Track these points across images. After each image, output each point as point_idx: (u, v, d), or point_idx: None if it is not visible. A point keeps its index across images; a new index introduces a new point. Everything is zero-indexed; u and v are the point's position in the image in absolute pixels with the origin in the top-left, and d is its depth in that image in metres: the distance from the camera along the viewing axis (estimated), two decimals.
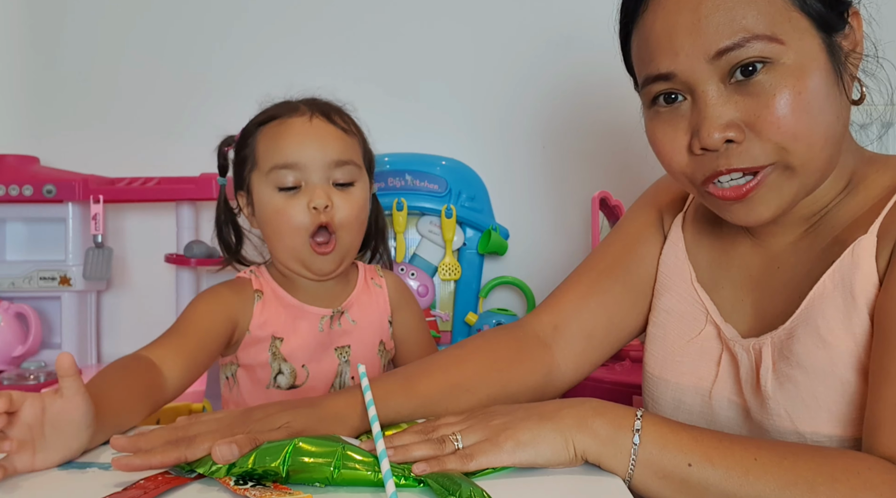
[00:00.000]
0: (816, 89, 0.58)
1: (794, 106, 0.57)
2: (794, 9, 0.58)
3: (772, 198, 0.61)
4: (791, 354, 0.63)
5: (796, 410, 0.63)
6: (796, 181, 0.61)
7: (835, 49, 0.60)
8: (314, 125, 0.87)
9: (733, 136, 0.59)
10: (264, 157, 0.88)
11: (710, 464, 0.54)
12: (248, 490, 0.51)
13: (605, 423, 0.57)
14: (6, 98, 1.68)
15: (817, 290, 0.63)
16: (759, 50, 0.57)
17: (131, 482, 0.53)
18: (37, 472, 0.57)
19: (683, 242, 0.77)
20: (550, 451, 0.56)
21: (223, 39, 1.66)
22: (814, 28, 0.59)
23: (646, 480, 0.55)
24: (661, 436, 0.56)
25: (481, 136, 1.65)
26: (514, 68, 1.64)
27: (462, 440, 0.57)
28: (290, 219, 0.86)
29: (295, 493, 0.51)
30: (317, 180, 0.86)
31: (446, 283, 1.57)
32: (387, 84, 1.64)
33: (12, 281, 1.50)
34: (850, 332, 0.61)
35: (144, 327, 1.62)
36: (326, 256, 0.88)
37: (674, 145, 0.64)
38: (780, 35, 0.57)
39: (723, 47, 0.58)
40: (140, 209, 1.65)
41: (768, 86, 0.58)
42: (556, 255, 1.64)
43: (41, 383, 1.34)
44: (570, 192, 1.63)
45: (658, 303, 0.77)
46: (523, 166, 1.65)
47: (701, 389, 0.71)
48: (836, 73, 0.60)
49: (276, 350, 0.90)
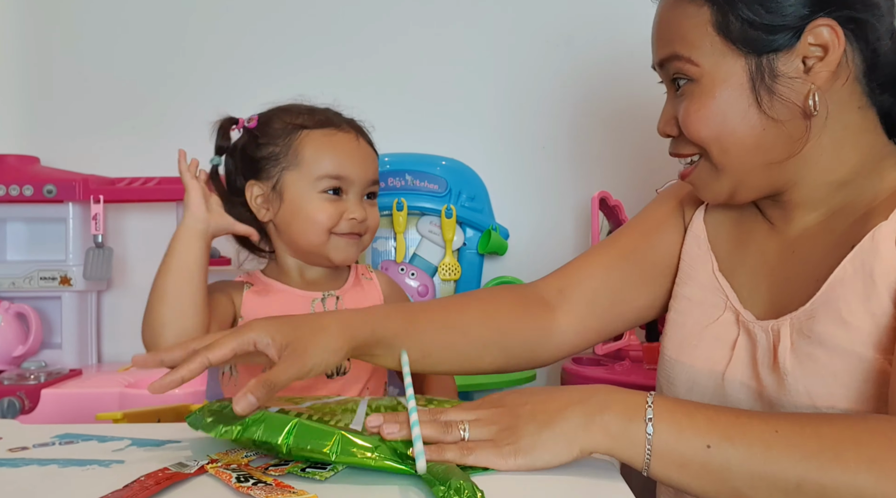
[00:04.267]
0: (723, 105, 0.66)
1: (700, 116, 0.67)
2: (717, 34, 0.65)
3: (705, 188, 0.72)
4: (812, 333, 0.65)
5: (815, 386, 0.63)
6: (725, 178, 0.69)
7: (762, 70, 0.65)
8: (360, 145, 0.95)
9: (668, 131, 0.72)
10: (310, 162, 0.92)
11: (729, 443, 0.52)
12: (251, 488, 0.51)
13: (614, 417, 0.56)
14: (6, 98, 1.68)
15: (837, 274, 0.64)
16: (679, 68, 0.68)
17: (131, 479, 0.53)
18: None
19: (706, 233, 0.80)
20: (550, 455, 0.55)
21: (224, 40, 1.67)
22: (737, 52, 0.65)
23: (664, 469, 0.54)
24: (675, 421, 0.54)
25: (481, 136, 1.65)
26: (514, 68, 1.64)
27: (469, 432, 0.57)
28: (328, 220, 0.91)
29: (299, 491, 0.51)
30: (356, 194, 0.93)
31: (446, 283, 1.57)
32: (387, 84, 1.64)
33: (13, 281, 1.50)
34: (870, 313, 0.62)
35: None
36: (353, 246, 0.94)
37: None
38: (696, 58, 0.66)
39: (658, 59, 0.71)
40: (140, 209, 1.65)
41: (687, 95, 0.68)
42: (556, 255, 1.64)
43: (41, 383, 1.34)
44: (570, 191, 1.63)
45: (680, 291, 0.80)
46: (523, 166, 1.65)
47: (714, 372, 0.73)
48: (754, 91, 0.65)
49: None
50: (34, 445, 0.65)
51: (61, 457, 0.61)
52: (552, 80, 1.63)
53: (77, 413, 1.31)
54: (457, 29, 1.65)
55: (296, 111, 0.95)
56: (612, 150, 1.62)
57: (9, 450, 0.63)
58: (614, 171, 1.61)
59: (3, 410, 1.28)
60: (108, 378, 1.41)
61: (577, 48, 1.61)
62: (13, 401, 1.29)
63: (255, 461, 0.58)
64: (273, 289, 0.96)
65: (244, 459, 0.59)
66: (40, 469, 0.58)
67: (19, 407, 1.30)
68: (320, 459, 0.55)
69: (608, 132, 1.61)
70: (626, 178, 1.59)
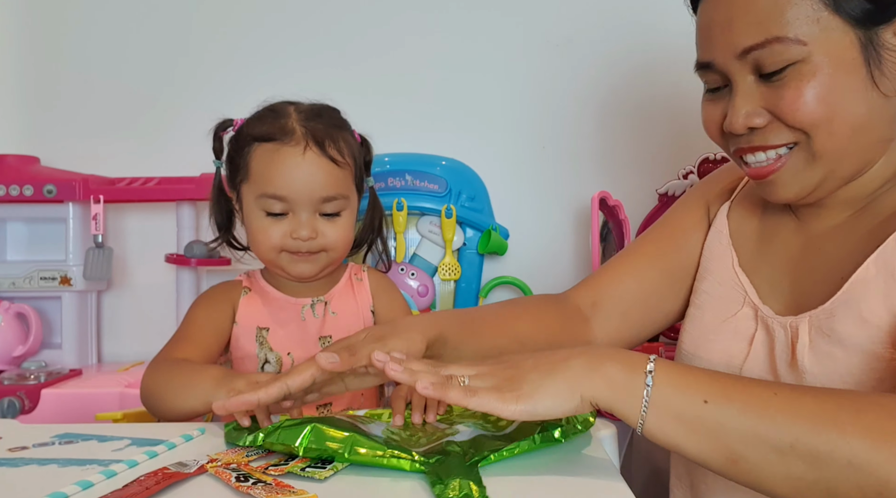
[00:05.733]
0: (839, 83, 0.62)
1: (812, 97, 0.62)
2: (825, 9, 0.61)
3: (793, 182, 0.67)
4: (832, 332, 0.65)
5: (832, 385, 0.63)
6: (819, 167, 0.65)
7: (873, 43, 0.62)
8: (307, 159, 0.87)
9: (757, 123, 0.65)
10: (256, 179, 0.89)
11: (726, 399, 0.52)
12: (251, 487, 0.51)
13: (616, 367, 0.55)
14: (6, 98, 1.68)
15: (860, 274, 0.64)
16: (782, 50, 0.62)
17: (131, 479, 0.53)
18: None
19: (728, 229, 0.80)
20: (551, 401, 0.55)
21: (224, 40, 1.67)
22: (847, 26, 0.61)
23: (658, 422, 0.53)
24: (675, 376, 0.54)
25: (481, 136, 1.65)
26: (514, 68, 1.64)
27: (469, 381, 0.58)
28: (269, 240, 0.89)
29: (299, 491, 0.51)
30: (303, 213, 0.88)
31: (446, 283, 1.57)
32: (387, 84, 1.64)
33: (12, 281, 1.50)
34: (890, 310, 0.62)
35: (144, 327, 1.64)
36: (307, 262, 0.91)
37: (711, 124, 0.71)
38: (802, 37, 0.61)
39: (748, 46, 0.63)
40: (140, 209, 1.65)
41: (791, 79, 0.63)
42: (556, 255, 1.64)
43: (41, 383, 1.34)
44: (570, 191, 1.63)
45: (700, 286, 0.80)
46: (523, 166, 1.65)
47: (732, 366, 0.73)
48: (867, 66, 0.62)
49: (262, 340, 0.94)
50: (34, 445, 0.65)
51: (61, 457, 0.61)
52: (552, 80, 1.63)
53: (77, 413, 1.31)
54: (457, 29, 1.64)
55: (262, 117, 0.92)
56: (612, 150, 1.62)
57: (8, 450, 0.63)
58: (614, 171, 1.61)
59: (3, 410, 1.28)
60: (108, 378, 1.41)
61: (577, 48, 1.61)
62: (13, 401, 1.29)
63: (255, 461, 0.58)
64: (268, 296, 0.96)
65: (244, 459, 0.59)
66: (40, 469, 0.58)
67: (19, 407, 1.30)
68: (330, 454, 0.57)
69: (608, 132, 1.61)
70: (626, 178, 1.59)
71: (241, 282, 0.98)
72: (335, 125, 0.92)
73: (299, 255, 0.90)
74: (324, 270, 0.93)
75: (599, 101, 1.61)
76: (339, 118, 0.95)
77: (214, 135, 0.96)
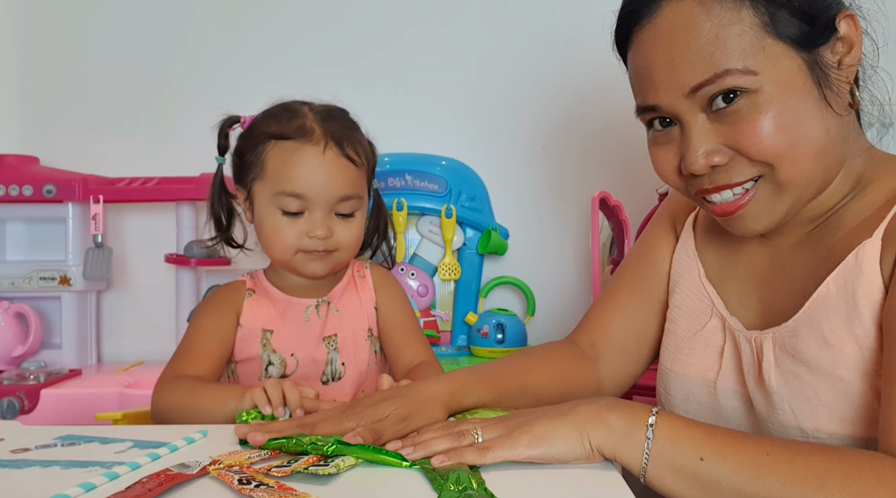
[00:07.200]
0: (795, 109, 0.60)
1: (771, 128, 0.60)
2: (768, 36, 0.60)
3: (762, 214, 0.65)
4: (796, 352, 0.65)
5: (800, 407, 0.64)
6: (787, 196, 0.63)
7: (818, 64, 0.61)
8: (326, 159, 0.88)
9: (717, 161, 0.63)
10: (272, 177, 0.89)
11: (721, 458, 0.54)
12: (253, 490, 0.51)
13: (620, 417, 0.58)
14: (6, 98, 1.68)
15: (821, 291, 0.64)
16: (732, 83, 0.60)
17: (134, 481, 0.53)
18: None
19: (693, 241, 0.80)
20: (565, 445, 0.57)
21: (223, 41, 1.66)
22: (792, 50, 0.60)
23: (659, 473, 0.56)
24: (674, 431, 0.57)
25: (481, 136, 1.65)
26: (514, 68, 1.64)
27: (482, 435, 0.60)
28: (286, 239, 0.89)
29: (301, 494, 0.51)
30: (320, 212, 0.89)
31: (446, 283, 1.57)
32: (387, 84, 1.64)
33: (12, 281, 1.50)
34: (853, 335, 0.62)
35: (144, 327, 1.64)
36: (321, 261, 0.92)
37: (666, 166, 0.68)
38: (752, 66, 0.59)
39: (696, 84, 0.61)
40: (140, 209, 1.65)
41: (746, 112, 0.60)
42: (556, 255, 1.64)
43: (41, 383, 1.34)
44: (570, 192, 1.63)
45: (672, 300, 0.81)
46: (523, 166, 1.65)
47: (707, 380, 0.74)
48: (818, 88, 0.61)
49: (266, 342, 0.94)
50: (36, 447, 0.65)
51: (63, 458, 0.61)
52: (552, 80, 1.63)
53: (77, 413, 1.31)
54: (457, 29, 1.64)
55: (277, 115, 0.92)
56: (612, 150, 1.62)
57: (11, 451, 0.63)
58: (614, 171, 1.61)
59: (3, 410, 1.28)
60: (108, 378, 1.41)
61: (577, 48, 1.61)
62: (13, 401, 1.29)
63: (258, 463, 0.58)
64: (272, 297, 0.96)
65: (246, 461, 0.59)
66: (42, 470, 0.58)
67: (19, 407, 1.30)
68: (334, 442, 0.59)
69: (608, 132, 1.61)
70: (626, 178, 1.59)
71: (245, 283, 0.97)
72: (349, 126, 0.94)
73: (314, 254, 0.90)
74: (333, 269, 0.94)
75: (599, 101, 1.60)
76: (351, 119, 0.96)
77: (220, 131, 0.96)
